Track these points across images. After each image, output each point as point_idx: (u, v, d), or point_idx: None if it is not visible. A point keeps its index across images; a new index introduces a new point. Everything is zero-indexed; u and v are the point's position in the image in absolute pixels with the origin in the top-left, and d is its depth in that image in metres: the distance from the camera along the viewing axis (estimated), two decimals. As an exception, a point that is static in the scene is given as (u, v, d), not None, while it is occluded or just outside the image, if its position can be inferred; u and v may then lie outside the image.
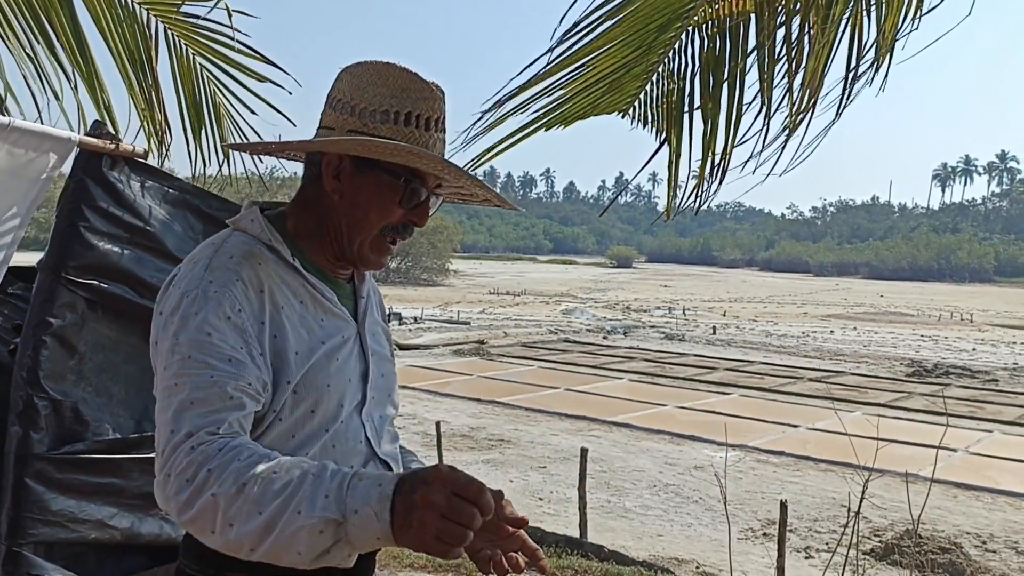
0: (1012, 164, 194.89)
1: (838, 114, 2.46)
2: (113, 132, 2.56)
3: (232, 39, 3.27)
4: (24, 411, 2.28)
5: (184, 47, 3.43)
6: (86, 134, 2.50)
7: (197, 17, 3.28)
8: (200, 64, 3.48)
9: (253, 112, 3.52)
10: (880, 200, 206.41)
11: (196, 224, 2.68)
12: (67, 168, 2.48)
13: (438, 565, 6.51)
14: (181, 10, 3.27)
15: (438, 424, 12.08)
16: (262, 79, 3.39)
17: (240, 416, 1.28)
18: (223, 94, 3.56)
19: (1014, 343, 36.34)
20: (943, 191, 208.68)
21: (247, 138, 3.54)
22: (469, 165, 2.90)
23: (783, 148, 2.50)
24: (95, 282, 2.43)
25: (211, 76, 3.52)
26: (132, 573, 2.48)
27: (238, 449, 1.20)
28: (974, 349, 33.39)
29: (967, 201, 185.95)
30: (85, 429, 2.39)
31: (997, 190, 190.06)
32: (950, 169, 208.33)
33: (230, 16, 3.18)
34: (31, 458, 2.26)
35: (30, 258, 2.60)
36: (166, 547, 2.51)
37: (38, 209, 2.50)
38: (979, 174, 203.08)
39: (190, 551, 1.47)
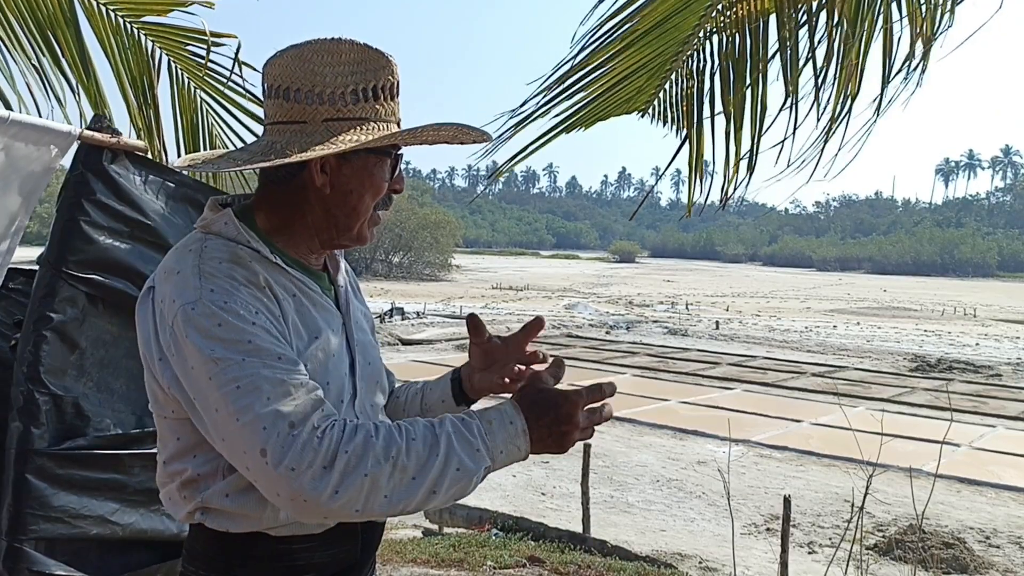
0: (1016, 158, 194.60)
1: (877, 113, 2.44)
2: (114, 127, 2.55)
3: (241, 87, 3.31)
4: (25, 407, 2.27)
5: (187, 80, 3.44)
6: (86, 128, 2.49)
7: (203, 58, 3.30)
8: (201, 97, 3.50)
9: None
10: (883, 195, 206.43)
11: (197, 218, 2.66)
12: (68, 162, 2.47)
13: (441, 560, 6.51)
14: (188, 48, 3.30)
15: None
16: (262, 121, 3.38)
17: (321, 396, 1.27)
18: (220, 128, 3.58)
19: (1017, 338, 36.28)
20: (946, 186, 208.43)
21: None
22: (496, 169, 2.92)
23: (823, 148, 2.48)
24: (96, 276, 2.42)
25: (211, 110, 3.55)
26: (134, 569, 2.48)
27: (360, 426, 1.25)
28: (977, 344, 33.34)
29: (971, 196, 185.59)
30: (86, 425, 2.38)
31: (1001, 185, 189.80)
32: (953, 164, 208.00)
33: (240, 69, 3.23)
34: (32, 454, 2.26)
35: (32, 253, 2.59)
36: (168, 543, 2.50)
37: (40, 204, 2.49)
38: (983, 168, 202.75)
39: (194, 555, 1.45)
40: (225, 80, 3.35)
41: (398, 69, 1.45)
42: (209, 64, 3.30)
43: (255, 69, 3.29)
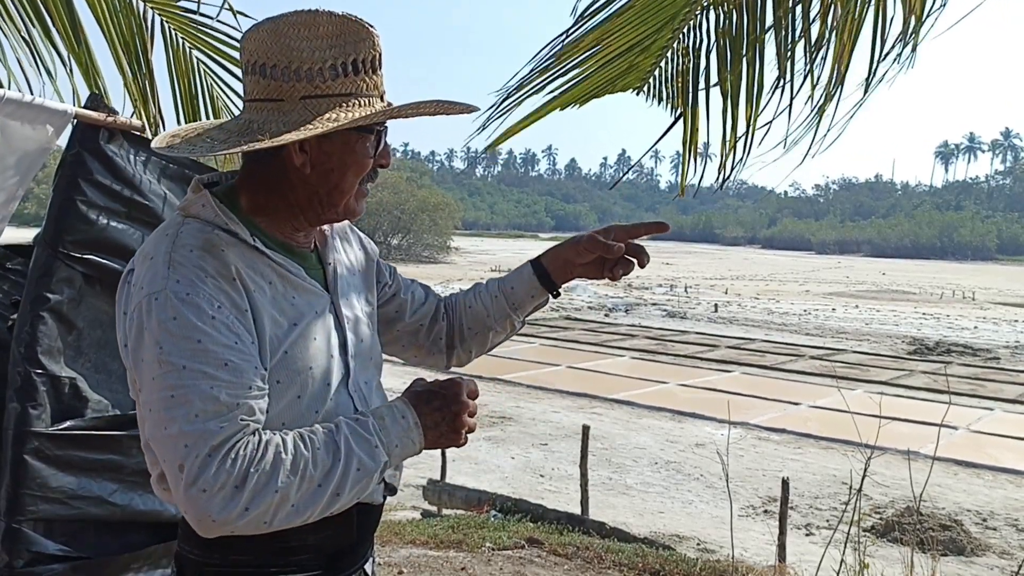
0: (1016, 142, 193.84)
1: (866, 92, 2.43)
2: (110, 105, 2.52)
3: (233, 38, 3.21)
4: (22, 387, 2.25)
5: (181, 40, 3.35)
6: (83, 107, 2.47)
7: (195, 12, 3.21)
8: (197, 58, 3.41)
9: None
10: (883, 178, 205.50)
11: (195, 198, 2.64)
12: (64, 141, 2.44)
13: (440, 541, 6.53)
14: (179, 4, 3.21)
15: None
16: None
17: (251, 419, 1.27)
18: (220, 88, 3.48)
19: (1016, 321, 36.32)
20: (946, 169, 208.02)
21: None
22: (490, 142, 2.90)
23: (816, 127, 2.47)
24: (93, 257, 2.40)
25: (208, 70, 3.43)
26: (133, 550, 2.47)
27: (270, 442, 1.27)
28: (976, 327, 33.39)
29: (970, 179, 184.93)
30: (84, 405, 2.37)
31: (1001, 168, 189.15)
32: (953, 147, 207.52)
33: (235, 16, 3.14)
34: (30, 435, 2.24)
35: (31, 234, 2.57)
36: (166, 524, 2.49)
37: (38, 184, 2.47)
38: (983, 152, 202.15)
39: (189, 536, 1.43)
40: (207, 27, 3.24)
41: (380, 40, 1.39)
42: (199, 17, 3.21)
43: (248, 16, 3.18)
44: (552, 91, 2.83)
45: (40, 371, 2.27)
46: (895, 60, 2.51)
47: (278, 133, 1.32)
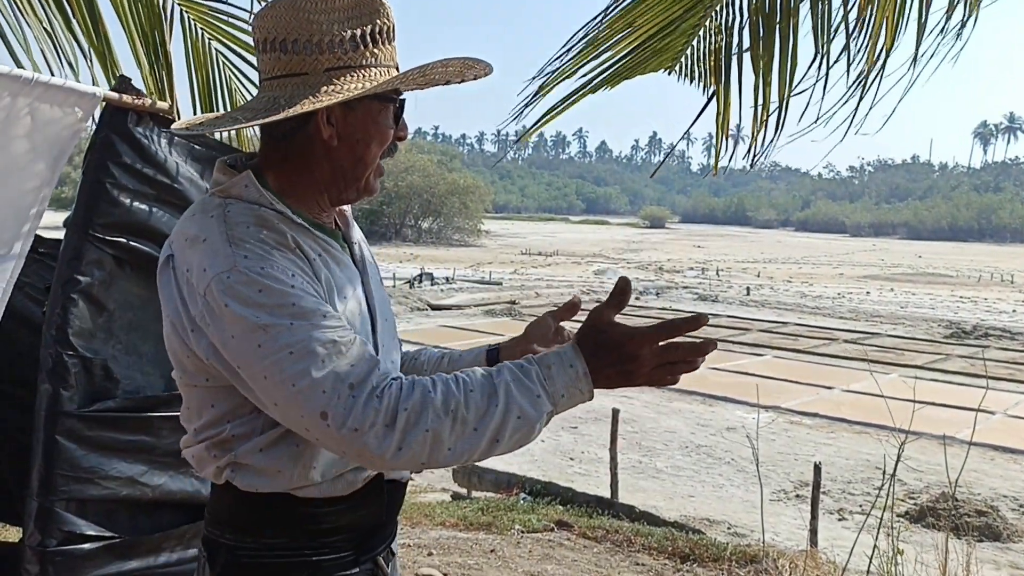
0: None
1: (912, 67, 2.37)
2: (138, 88, 2.53)
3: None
4: (54, 369, 2.28)
5: (200, 31, 3.34)
6: (111, 89, 2.47)
7: (217, 0, 3.20)
8: (216, 50, 3.40)
9: None
10: (920, 159, 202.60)
11: (223, 181, 2.64)
12: (93, 124, 2.45)
13: (470, 524, 6.56)
14: None
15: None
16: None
17: (370, 349, 1.28)
18: (239, 80, 3.47)
19: (1056, 305, 35.65)
20: (985, 150, 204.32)
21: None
22: (523, 132, 2.88)
23: (857, 105, 2.41)
24: (122, 239, 2.42)
25: (227, 62, 3.42)
26: (164, 529, 2.50)
27: (416, 382, 1.26)
28: (1014, 311, 32.80)
29: (1010, 160, 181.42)
30: (115, 387, 2.40)
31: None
32: (992, 127, 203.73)
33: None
34: (61, 416, 2.27)
35: (62, 217, 2.59)
36: (197, 505, 2.51)
37: (75, 168, 2.48)
38: (1023, 132, 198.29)
39: (219, 519, 1.44)
40: (228, 16, 3.20)
41: (392, 12, 1.41)
42: (220, 6, 3.19)
43: None
44: (585, 75, 2.80)
45: (71, 353, 2.30)
46: (940, 32, 2.44)
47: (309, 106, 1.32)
